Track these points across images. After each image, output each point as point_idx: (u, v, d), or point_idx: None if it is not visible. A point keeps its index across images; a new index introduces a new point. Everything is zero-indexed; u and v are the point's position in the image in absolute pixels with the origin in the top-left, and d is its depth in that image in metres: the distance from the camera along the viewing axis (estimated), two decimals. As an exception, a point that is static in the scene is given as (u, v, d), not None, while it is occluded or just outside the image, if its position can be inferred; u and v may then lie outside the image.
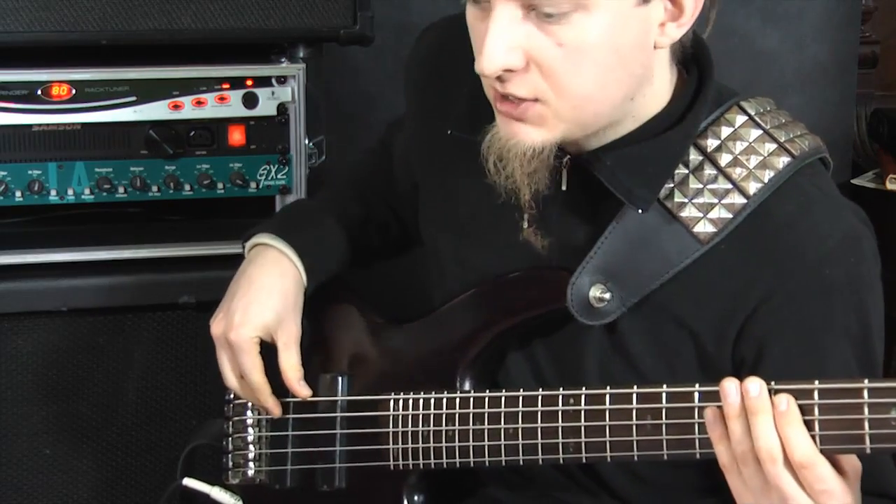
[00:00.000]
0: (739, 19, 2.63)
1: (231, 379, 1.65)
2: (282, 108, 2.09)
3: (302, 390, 1.62)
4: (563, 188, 1.48)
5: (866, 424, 1.20)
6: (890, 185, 2.76)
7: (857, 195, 2.65)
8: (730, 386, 1.26)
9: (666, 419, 1.33)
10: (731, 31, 2.61)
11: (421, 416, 1.52)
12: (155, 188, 2.08)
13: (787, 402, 1.23)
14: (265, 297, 1.63)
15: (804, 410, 1.23)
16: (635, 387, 1.36)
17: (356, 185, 1.83)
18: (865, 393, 1.21)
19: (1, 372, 2.06)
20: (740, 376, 1.29)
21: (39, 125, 2.02)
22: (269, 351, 1.64)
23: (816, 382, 1.24)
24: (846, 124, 2.81)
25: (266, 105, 2.09)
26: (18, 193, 2.03)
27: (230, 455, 1.70)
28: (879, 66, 3.02)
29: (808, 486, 1.24)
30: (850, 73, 2.75)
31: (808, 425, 1.23)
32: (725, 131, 1.44)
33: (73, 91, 2.02)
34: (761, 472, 1.25)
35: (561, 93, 1.35)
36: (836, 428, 1.22)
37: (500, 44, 1.32)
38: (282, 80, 2.09)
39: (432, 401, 1.52)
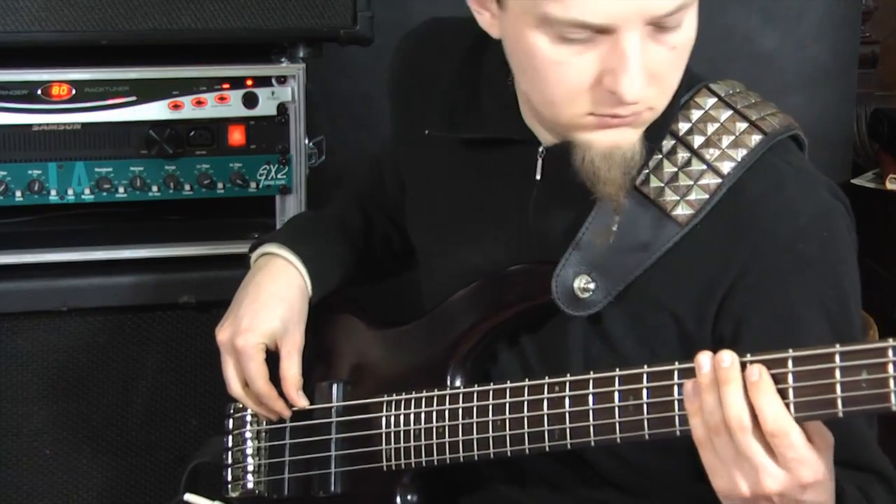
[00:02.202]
0: (739, 19, 2.63)
1: (235, 386, 1.65)
2: (282, 108, 2.09)
3: (299, 400, 1.63)
4: (538, 178, 1.49)
5: (838, 388, 1.21)
6: (890, 185, 2.76)
7: (857, 195, 2.65)
8: (703, 359, 1.27)
9: (647, 399, 1.33)
10: (731, 31, 2.61)
11: (412, 416, 1.53)
12: (155, 188, 2.08)
13: (758, 372, 1.24)
14: (273, 305, 1.64)
15: (778, 379, 1.24)
16: (617, 370, 1.36)
17: (358, 198, 1.84)
18: (837, 357, 1.21)
19: (1, 372, 2.06)
20: None
21: (39, 125, 2.02)
22: (271, 359, 1.64)
23: (790, 351, 1.24)
24: (846, 124, 2.81)
25: (266, 105, 2.09)
26: (18, 193, 2.03)
27: (230, 468, 1.71)
28: (879, 66, 3.02)
29: (779, 455, 1.24)
30: (850, 73, 2.75)
31: (783, 393, 1.23)
32: (696, 114, 1.45)
33: (73, 91, 2.02)
34: (733, 443, 1.25)
35: (665, 93, 1.38)
36: (810, 394, 1.22)
37: (641, 70, 1.32)
38: (282, 80, 2.09)
39: (423, 399, 1.52)
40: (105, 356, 2.09)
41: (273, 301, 1.64)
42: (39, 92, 2.01)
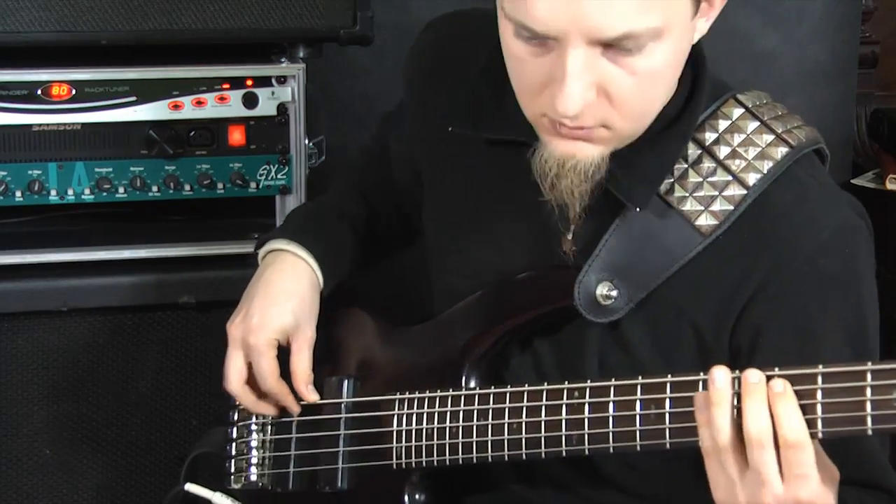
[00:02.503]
0: (739, 20, 2.63)
1: (235, 382, 1.65)
2: (282, 108, 2.09)
3: (309, 395, 1.63)
4: None
5: (868, 406, 1.21)
6: (890, 185, 2.76)
7: (857, 195, 2.64)
8: (718, 374, 1.27)
9: (669, 408, 1.33)
10: (732, 32, 2.61)
11: (425, 415, 1.53)
12: (155, 188, 2.08)
13: (783, 385, 1.24)
14: (284, 300, 1.63)
15: (807, 394, 1.24)
16: (640, 377, 1.36)
17: (357, 185, 1.83)
18: (868, 375, 1.21)
19: (1, 372, 2.06)
20: (737, 364, 1.30)
21: (39, 125, 2.02)
22: (281, 353, 1.64)
23: (820, 367, 1.24)
24: (846, 124, 2.81)
25: (266, 105, 2.09)
26: (18, 193, 2.03)
27: (233, 460, 1.70)
28: (879, 66, 3.02)
29: (786, 469, 1.24)
30: (850, 73, 2.75)
31: (811, 408, 1.23)
32: (723, 124, 1.45)
33: (73, 91, 2.02)
34: (742, 458, 1.25)
35: (627, 117, 1.37)
36: (839, 410, 1.23)
37: (580, 86, 1.31)
38: (282, 80, 2.09)
39: (437, 399, 1.52)
40: (105, 356, 2.09)
41: (283, 297, 1.64)
42: (39, 92, 2.01)
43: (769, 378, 1.25)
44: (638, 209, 1.42)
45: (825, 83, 2.70)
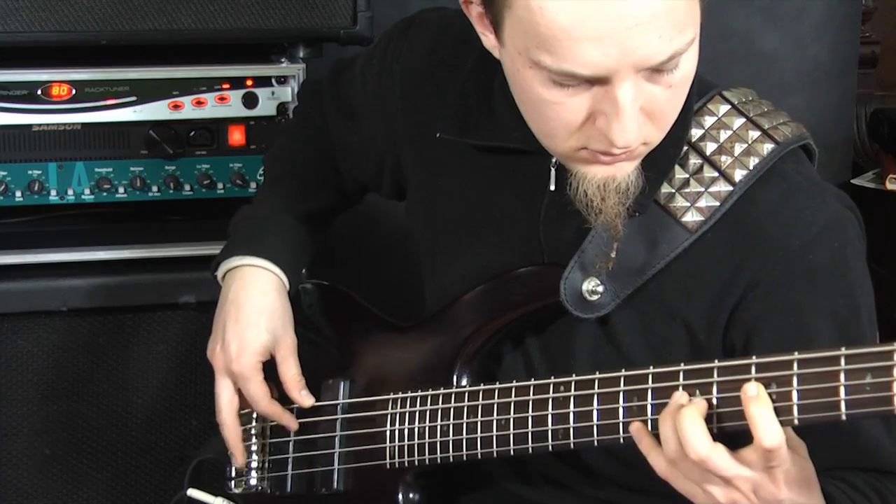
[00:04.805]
0: (739, 19, 2.63)
1: (227, 414, 1.65)
2: (282, 108, 2.09)
3: (304, 400, 1.63)
4: (552, 188, 1.49)
5: (842, 391, 1.21)
6: (890, 185, 2.76)
7: (857, 195, 2.65)
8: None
9: (651, 400, 1.33)
10: (731, 32, 2.62)
11: (417, 414, 1.53)
12: (155, 188, 2.08)
13: (756, 389, 1.23)
14: (255, 319, 1.63)
15: (783, 381, 1.24)
16: (623, 370, 1.36)
17: (293, 171, 1.81)
18: (842, 360, 1.21)
19: (1, 372, 2.06)
20: None
21: (39, 125, 2.02)
22: (267, 365, 1.65)
23: (795, 353, 1.24)
24: (846, 124, 2.81)
25: (266, 105, 2.09)
26: (18, 193, 2.04)
27: (233, 465, 1.71)
28: (879, 66, 3.03)
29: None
30: (850, 73, 2.75)
31: (787, 395, 1.23)
32: (709, 121, 1.46)
33: (73, 91, 2.02)
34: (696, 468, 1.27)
35: (664, 128, 1.37)
36: (814, 396, 1.22)
37: (635, 116, 1.31)
38: (282, 80, 2.09)
39: (428, 398, 1.53)
40: (105, 356, 2.09)
41: (254, 315, 1.64)
42: (39, 92, 2.01)
43: (747, 366, 1.25)
44: (637, 214, 1.43)
45: (825, 83, 2.71)
